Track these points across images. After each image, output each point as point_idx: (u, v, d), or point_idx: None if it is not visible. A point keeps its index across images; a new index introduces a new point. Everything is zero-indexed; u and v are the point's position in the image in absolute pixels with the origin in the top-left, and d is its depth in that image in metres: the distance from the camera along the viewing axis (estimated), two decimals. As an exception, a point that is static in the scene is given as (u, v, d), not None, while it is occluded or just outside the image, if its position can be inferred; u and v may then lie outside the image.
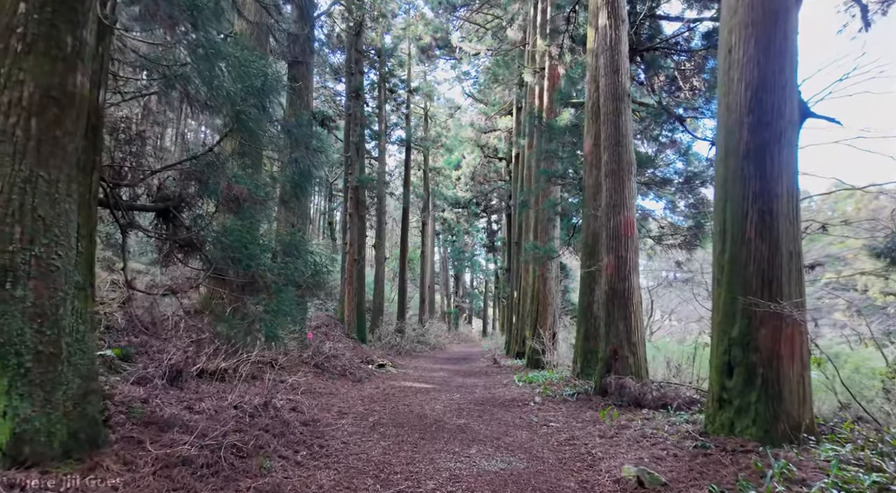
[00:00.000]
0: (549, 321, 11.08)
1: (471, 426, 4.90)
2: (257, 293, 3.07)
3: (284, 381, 6.48)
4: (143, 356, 5.12)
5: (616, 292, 6.12)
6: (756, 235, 3.66)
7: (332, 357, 8.89)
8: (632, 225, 6.22)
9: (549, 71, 11.74)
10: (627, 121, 6.47)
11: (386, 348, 15.12)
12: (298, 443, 3.88)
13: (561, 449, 3.89)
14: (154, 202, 3.56)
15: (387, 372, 10.07)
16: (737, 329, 3.66)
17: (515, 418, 5.30)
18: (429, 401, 6.47)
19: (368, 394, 6.89)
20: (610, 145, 6.43)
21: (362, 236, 14.77)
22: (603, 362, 6.16)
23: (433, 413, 5.54)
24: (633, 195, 6.37)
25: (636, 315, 6.07)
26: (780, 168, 3.69)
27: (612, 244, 6.22)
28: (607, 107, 6.52)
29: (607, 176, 6.40)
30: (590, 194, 8.10)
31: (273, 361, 7.43)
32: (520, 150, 16.70)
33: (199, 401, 4.39)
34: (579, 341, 7.91)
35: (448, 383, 8.65)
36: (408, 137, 20.95)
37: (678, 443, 3.73)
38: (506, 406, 6.06)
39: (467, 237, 38.54)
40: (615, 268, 6.16)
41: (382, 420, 5.07)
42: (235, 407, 4.68)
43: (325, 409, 5.53)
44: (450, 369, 12.01)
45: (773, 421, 3.36)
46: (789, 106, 3.78)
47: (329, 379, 7.75)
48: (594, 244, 7.92)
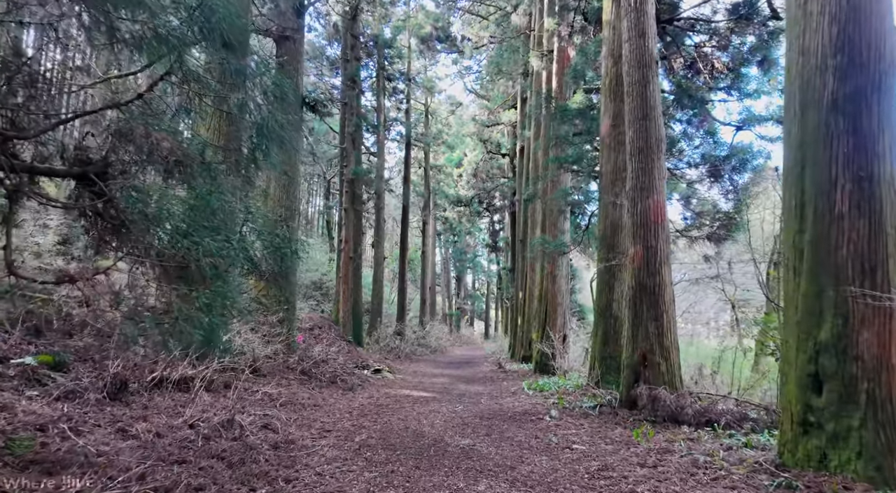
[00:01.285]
0: (558, 323, 10.22)
1: (477, 448, 4.05)
2: (192, 282, 2.26)
3: (262, 391, 5.64)
4: (85, 364, 4.29)
5: (645, 288, 5.27)
6: (851, 208, 2.81)
7: (322, 362, 8.05)
8: (663, 210, 5.38)
9: (557, 54, 10.92)
10: (655, 91, 5.64)
11: (384, 351, 14.28)
12: (259, 476, 3.03)
13: (595, 485, 3.04)
14: (69, 166, 2.73)
15: (383, 378, 9.22)
16: (826, 331, 2.81)
17: (530, 437, 4.45)
18: (428, 414, 5.62)
19: (359, 405, 6.04)
20: (636, 119, 5.59)
21: (358, 233, 13.95)
22: (629, 369, 5.30)
23: (432, 431, 4.69)
24: (664, 176, 5.53)
25: (669, 315, 5.22)
26: (880, 121, 2.85)
27: (640, 233, 5.37)
28: (632, 76, 5.69)
29: (633, 155, 5.56)
30: (607, 181, 7.26)
31: (251, 367, 6.60)
32: (524, 142, 15.89)
33: (142, 420, 3.55)
34: (596, 344, 7.05)
35: (450, 391, 7.80)
36: (407, 131, 20.14)
37: (749, 479, 2.88)
38: (517, 421, 5.21)
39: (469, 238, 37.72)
40: (644, 260, 5.31)
41: (371, 440, 4.23)
42: (191, 426, 3.85)
43: (305, 425, 4.69)
44: (451, 374, 11.15)
45: (888, 455, 2.51)
46: (889, 44, 2.94)
47: (316, 388, 6.90)
48: (613, 236, 7.07)
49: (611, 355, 6.76)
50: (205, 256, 2.24)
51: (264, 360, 7.31)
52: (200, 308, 2.19)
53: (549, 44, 11.54)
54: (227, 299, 2.20)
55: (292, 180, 8.85)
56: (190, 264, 2.20)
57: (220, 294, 2.17)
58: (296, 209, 9.07)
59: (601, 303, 7.14)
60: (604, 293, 7.10)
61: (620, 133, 7.29)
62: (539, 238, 9.76)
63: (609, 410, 5.31)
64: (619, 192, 7.06)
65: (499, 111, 21.32)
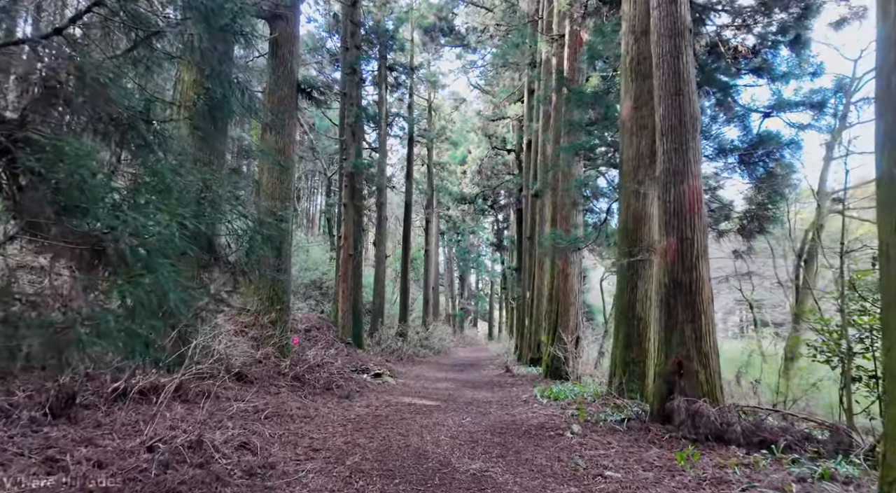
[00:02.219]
0: (571, 324, 9.56)
1: (490, 475, 3.41)
2: (109, 268, 1.64)
3: (245, 401, 5.02)
4: (31, 373, 3.68)
5: (680, 285, 4.62)
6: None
7: (318, 367, 7.42)
8: (699, 196, 4.72)
9: (569, 38, 10.27)
10: (689, 63, 4.99)
11: (386, 353, 13.66)
12: (220, 520, 2.41)
13: (645, 533, 2.40)
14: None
15: (383, 383, 8.60)
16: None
17: (552, 458, 3.80)
18: (432, 427, 4.98)
19: (355, 417, 5.41)
20: (667, 95, 4.94)
21: (358, 229, 13.33)
22: (662, 378, 4.65)
23: (437, 450, 4.05)
24: (699, 159, 4.88)
25: (707, 316, 4.57)
26: None
27: (674, 223, 4.72)
28: (662, 46, 5.04)
29: (664, 135, 4.91)
30: (629, 168, 6.60)
31: (236, 374, 5.98)
32: (532, 135, 15.22)
33: (86, 445, 2.93)
34: (618, 349, 6.40)
35: (455, 399, 7.16)
36: (410, 126, 19.53)
37: (848, 529, 2.23)
38: (534, 437, 4.56)
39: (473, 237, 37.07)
40: (678, 254, 4.66)
41: (365, 463, 3.59)
42: (149, 449, 3.23)
43: (290, 442, 4.06)
44: (456, 378, 10.51)
45: None
46: None
47: (309, 395, 6.28)
48: (636, 229, 6.42)
49: (634, 360, 6.11)
50: (132, 237, 1.62)
51: (253, 365, 6.71)
52: (125, 307, 1.57)
53: (560, 28, 10.89)
54: (159, 296, 1.58)
55: (286, 170, 8.24)
56: (107, 247, 1.58)
57: (146, 289, 1.56)
58: (290, 201, 8.45)
59: (622, 303, 6.48)
60: (625, 292, 6.44)
61: (643, 116, 6.65)
62: (550, 233, 9.11)
63: (639, 424, 4.66)
64: (642, 180, 6.41)
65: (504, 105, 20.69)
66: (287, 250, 8.27)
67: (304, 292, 16.43)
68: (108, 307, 1.55)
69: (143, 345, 1.58)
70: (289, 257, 8.41)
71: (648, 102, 6.51)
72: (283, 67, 8.42)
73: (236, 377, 6.04)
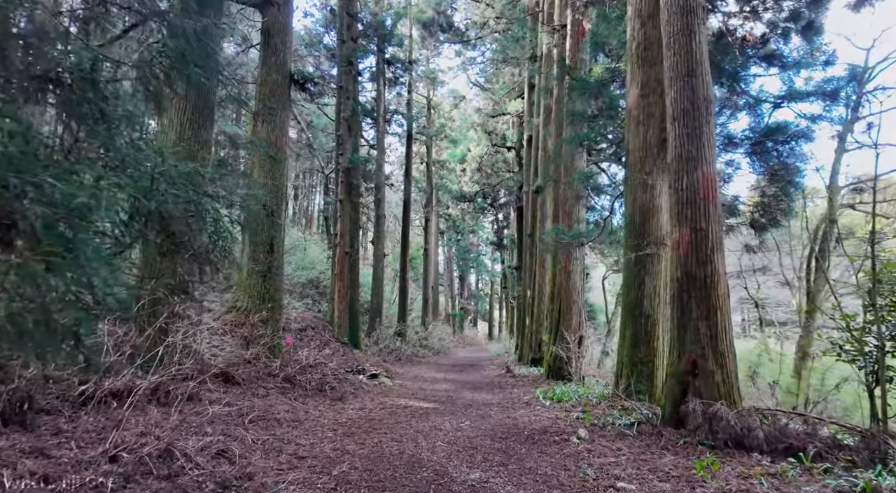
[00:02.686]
0: (573, 323, 9.24)
1: (491, 486, 3.09)
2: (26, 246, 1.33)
3: (228, 402, 4.70)
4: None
5: (693, 279, 4.30)
6: None
7: (310, 367, 7.10)
8: (714, 185, 4.41)
9: (571, 28, 9.95)
10: (703, 43, 4.67)
11: (384, 353, 13.34)
12: (180, 544, 2.10)
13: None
14: None
15: (379, 384, 8.28)
16: None
17: (558, 467, 3.49)
18: (428, 432, 4.67)
19: (347, 420, 5.10)
20: (678, 77, 4.62)
21: (355, 227, 13.01)
22: (674, 379, 4.33)
23: (433, 458, 3.73)
24: (713, 144, 4.56)
25: (723, 312, 4.25)
26: None
27: (687, 213, 4.41)
28: (674, 25, 4.72)
29: (676, 119, 4.60)
30: (635, 158, 6.29)
31: (222, 375, 5.66)
32: (532, 131, 14.92)
33: (36, 456, 2.62)
34: (624, 348, 6.08)
35: (454, 401, 6.84)
36: (409, 123, 19.21)
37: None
38: (538, 443, 4.24)
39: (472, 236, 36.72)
40: (691, 246, 4.34)
41: (354, 473, 3.28)
42: (112, 459, 2.91)
43: (273, 450, 3.74)
44: (455, 379, 10.20)
45: None
46: None
47: (300, 397, 5.96)
48: (643, 222, 6.10)
49: (642, 360, 5.79)
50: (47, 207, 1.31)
51: (242, 365, 6.40)
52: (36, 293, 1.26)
53: (562, 18, 10.58)
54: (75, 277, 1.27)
55: (278, 163, 7.92)
56: (17, 220, 1.27)
57: (63, 271, 1.25)
58: (282, 195, 8.13)
59: (629, 300, 6.17)
60: (632, 289, 6.12)
61: (650, 104, 6.35)
62: (552, 229, 8.79)
63: (650, 428, 4.34)
64: (649, 170, 6.10)
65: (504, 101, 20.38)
66: (279, 247, 7.95)
67: (301, 291, 16.11)
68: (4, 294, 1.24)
69: (57, 342, 1.27)
70: (281, 253, 8.09)
71: (656, 89, 6.21)
72: (275, 57, 8.11)
73: (223, 379, 5.73)
